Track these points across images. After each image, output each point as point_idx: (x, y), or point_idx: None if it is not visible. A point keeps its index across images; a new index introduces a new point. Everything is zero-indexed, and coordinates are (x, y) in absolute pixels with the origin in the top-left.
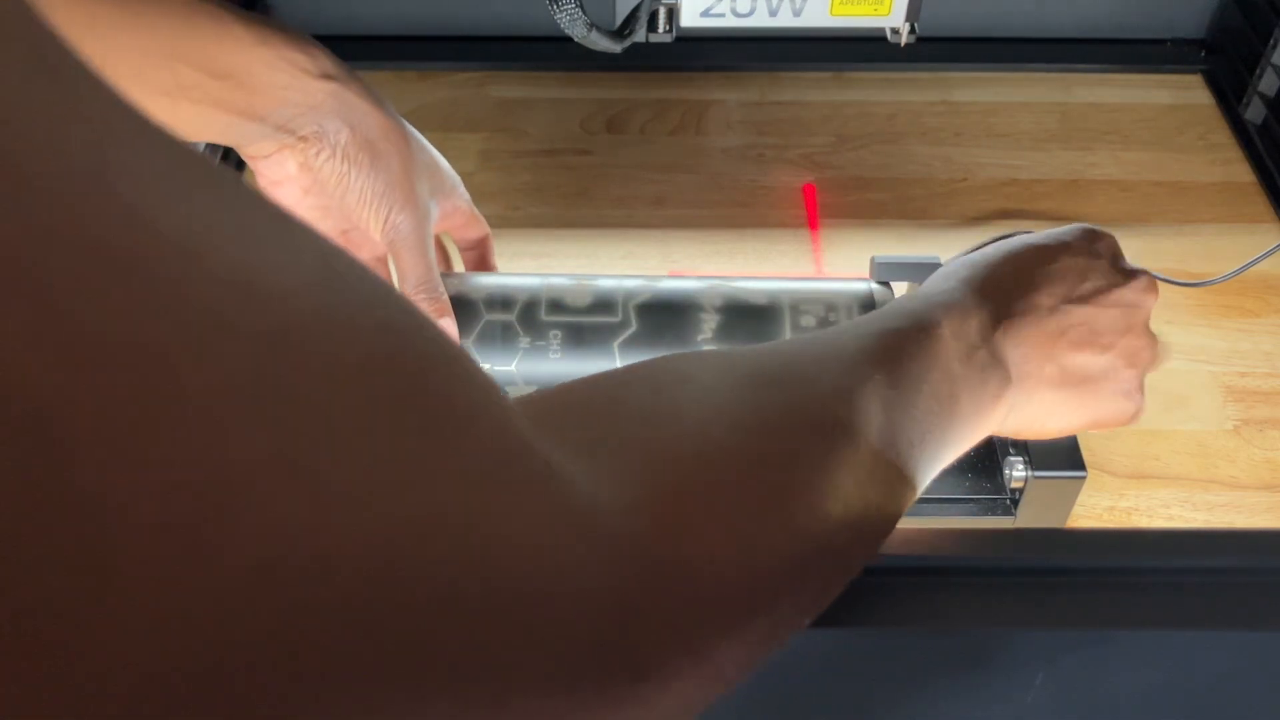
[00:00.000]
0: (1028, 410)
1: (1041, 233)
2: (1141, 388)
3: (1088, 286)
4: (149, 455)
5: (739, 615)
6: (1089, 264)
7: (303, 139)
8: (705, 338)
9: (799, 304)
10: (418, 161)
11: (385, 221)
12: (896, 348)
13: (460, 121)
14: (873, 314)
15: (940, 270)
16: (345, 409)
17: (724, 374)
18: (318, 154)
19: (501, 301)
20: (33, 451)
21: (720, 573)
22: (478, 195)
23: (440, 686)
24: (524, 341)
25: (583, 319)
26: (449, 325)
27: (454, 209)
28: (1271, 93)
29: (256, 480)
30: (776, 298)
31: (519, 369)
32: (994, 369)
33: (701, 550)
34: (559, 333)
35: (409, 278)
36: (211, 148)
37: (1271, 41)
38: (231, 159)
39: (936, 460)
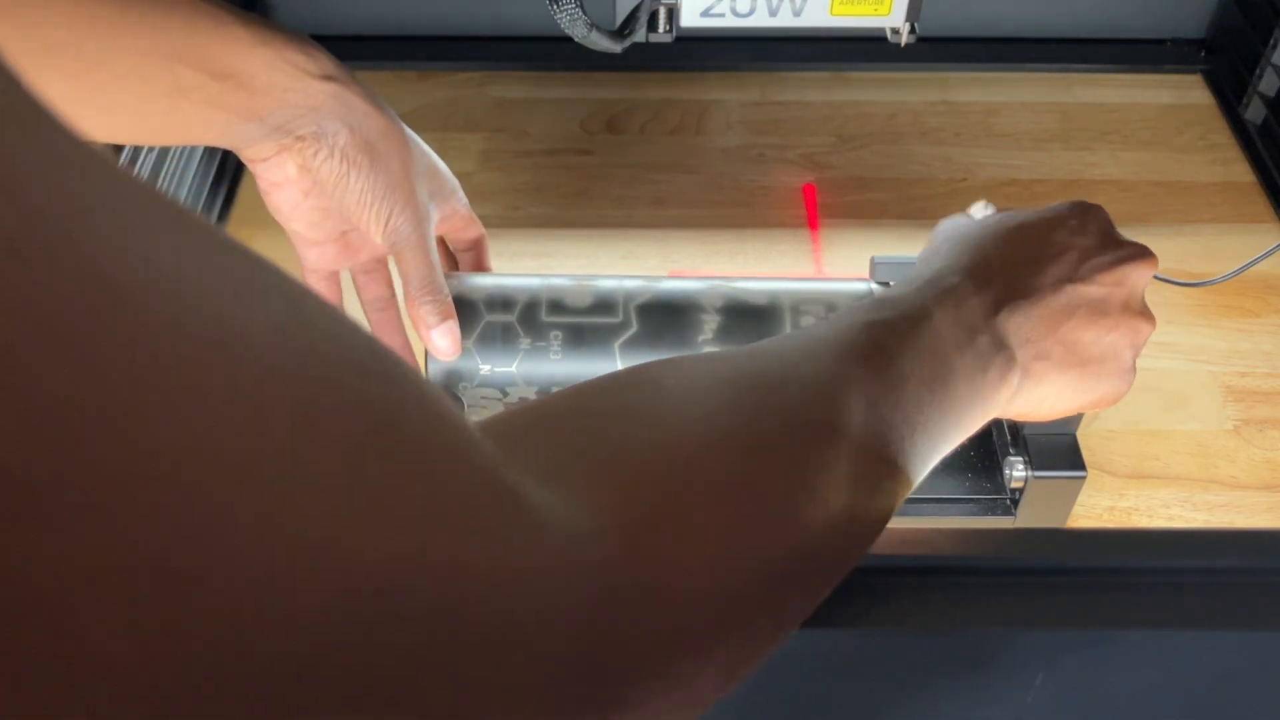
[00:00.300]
0: (1036, 392)
1: (1032, 210)
2: (1134, 365)
3: (1090, 264)
4: (121, 504)
5: (712, 638)
6: (1086, 240)
7: (301, 139)
8: (706, 339)
9: (799, 304)
10: (417, 163)
11: (386, 223)
12: (884, 339)
13: (460, 121)
14: (860, 305)
15: (928, 251)
16: (316, 456)
17: (702, 380)
18: (315, 154)
19: (502, 302)
20: (8, 502)
21: (691, 596)
22: (478, 195)
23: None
24: (525, 342)
25: (583, 320)
26: (452, 327)
27: (452, 212)
28: (1271, 93)
29: (228, 535)
30: (777, 298)
31: (519, 370)
32: (996, 353)
33: (672, 575)
34: (560, 333)
35: (412, 279)
36: (209, 154)
37: (1271, 41)
38: (229, 167)
39: (934, 451)
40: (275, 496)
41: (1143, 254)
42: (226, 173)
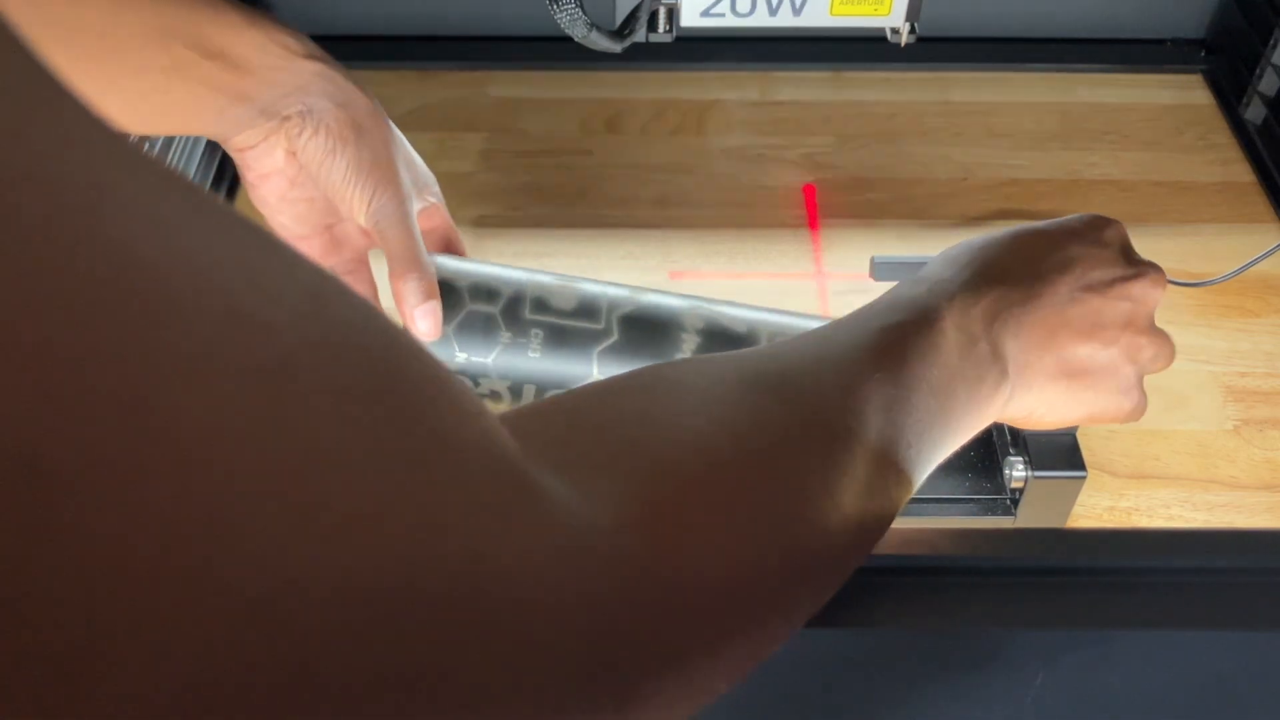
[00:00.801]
0: (1026, 400)
1: (1048, 220)
2: (1140, 385)
3: (1095, 276)
4: (139, 495)
5: (726, 633)
6: (1096, 253)
7: (288, 120)
8: (683, 357)
9: (776, 337)
10: (399, 147)
11: (370, 201)
12: (898, 343)
13: (460, 121)
14: (874, 305)
15: (943, 254)
16: (336, 439)
17: (720, 380)
18: (301, 133)
19: (487, 292)
20: (25, 495)
21: (708, 592)
22: (477, 195)
23: (428, 712)
24: (505, 336)
25: (566, 322)
26: (435, 308)
27: (428, 205)
28: (1271, 93)
29: (247, 514)
30: (755, 329)
31: (495, 363)
32: (992, 364)
33: (688, 570)
34: (541, 332)
35: (396, 256)
36: (209, 155)
37: (1271, 41)
38: (229, 169)
39: (933, 458)
40: (295, 482)
41: (1152, 273)
42: (226, 174)
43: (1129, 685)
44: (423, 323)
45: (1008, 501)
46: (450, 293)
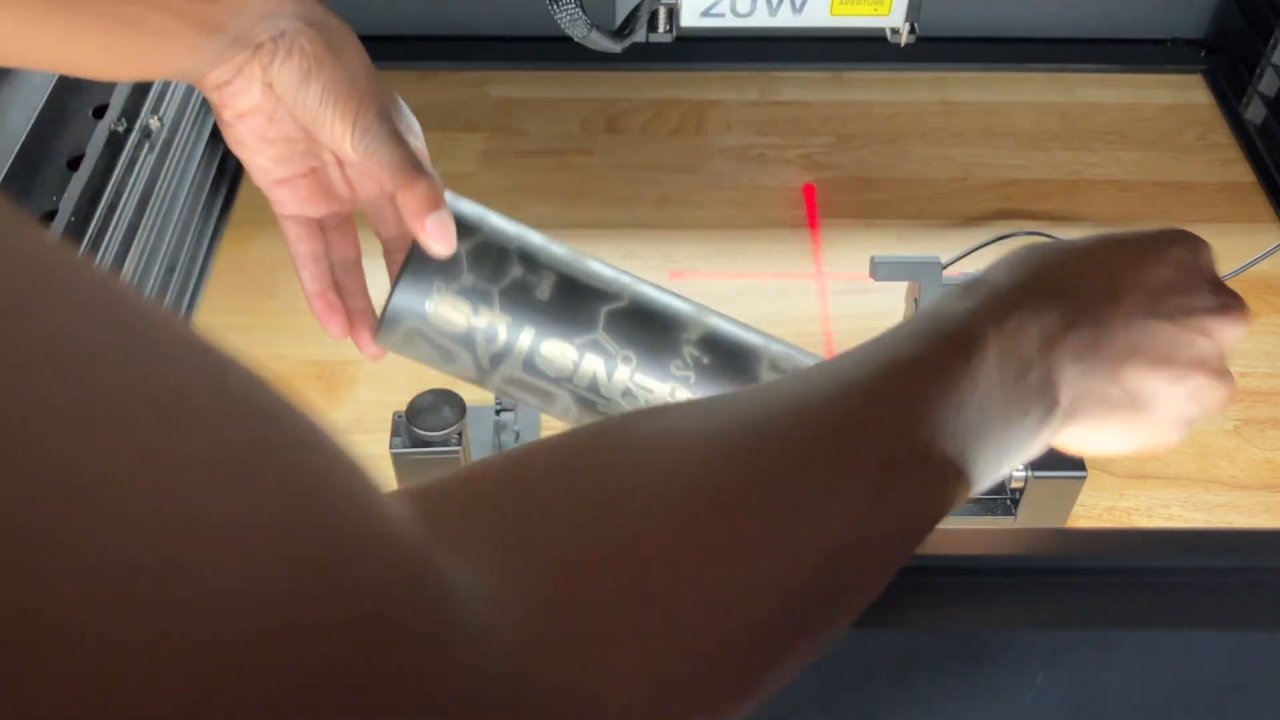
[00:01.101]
0: (1079, 429)
1: (1127, 231)
2: (1192, 420)
3: (1176, 303)
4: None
5: None
6: (1181, 277)
7: (260, 48)
8: (689, 338)
9: (777, 363)
10: (379, 78)
11: (355, 121)
12: (925, 382)
13: (460, 121)
14: (902, 330)
15: (1011, 255)
16: (252, 523)
17: (689, 439)
18: (274, 60)
19: (504, 231)
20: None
21: (620, 700)
22: (477, 195)
23: None
24: (517, 271)
25: (580, 277)
26: (446, 217)
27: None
28: (1271, 93)
29: (134, 558)
30: (759, 351)
31: (501, 294)
32: (1041, 394)
33: (612, 687)
34: (554, 277)
35: (394, 168)
36: (209, 154)
37: (1271, 41)
38: (229, 167)
39: (952, 509)
40: (182, 539)
41: (1236, 307)
42: (226, 173)
43: (1129, 685)
44: (433, 234)
45: (1008, 501)
46: (467, 223)
